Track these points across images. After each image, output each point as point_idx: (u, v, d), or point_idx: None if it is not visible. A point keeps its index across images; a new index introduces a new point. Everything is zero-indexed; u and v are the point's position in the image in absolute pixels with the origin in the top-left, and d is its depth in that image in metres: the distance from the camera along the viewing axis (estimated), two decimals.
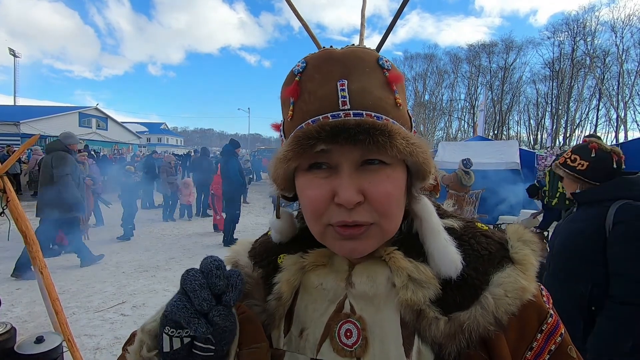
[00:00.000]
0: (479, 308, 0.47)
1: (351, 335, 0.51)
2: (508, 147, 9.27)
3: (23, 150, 2.78)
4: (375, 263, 0.53)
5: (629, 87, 34.51)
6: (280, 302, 0.55)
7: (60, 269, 5.15)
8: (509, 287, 0.47)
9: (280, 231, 0.60)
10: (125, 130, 39.23)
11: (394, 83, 0.49)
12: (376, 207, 0.46)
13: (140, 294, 4.33)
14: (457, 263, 0.49)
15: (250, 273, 0.59)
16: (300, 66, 0.49)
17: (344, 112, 0.45)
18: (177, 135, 67.42)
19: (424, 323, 0.47)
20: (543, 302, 0.51)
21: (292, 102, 0.49)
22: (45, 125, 27.29)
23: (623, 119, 34.47)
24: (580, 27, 37.89)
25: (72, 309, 3.83)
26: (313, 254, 0.56)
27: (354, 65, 0.47)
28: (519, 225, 0.56)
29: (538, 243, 0.53)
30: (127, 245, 6.65)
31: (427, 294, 0.48)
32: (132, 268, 5.29)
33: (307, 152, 0.45)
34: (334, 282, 0.54)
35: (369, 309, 0.51)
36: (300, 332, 0.54)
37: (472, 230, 0.55)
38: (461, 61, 46.24)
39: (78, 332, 3.26)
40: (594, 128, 38.94)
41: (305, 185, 0.48)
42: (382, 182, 0.46)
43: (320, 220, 0.48)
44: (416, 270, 0.49)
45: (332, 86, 0.46)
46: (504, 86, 43.76)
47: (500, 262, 0.50)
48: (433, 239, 0.51)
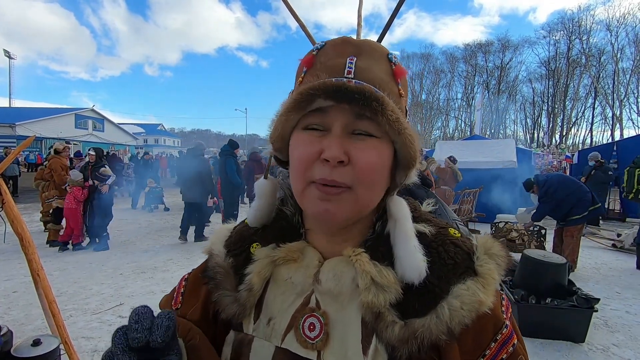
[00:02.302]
0: (434, 317, 0.48)
1: (314, 328, 0.53)
2: (505, 145, 9.30)
3: (18, 151, 2.76)
4: (342, 262, 0.54)
5: (624, 86, 34.77)
6: (251, 293, 0.57)
7: (58, 271, 5.12)
8: (466, 300, 0.49)
9: (261, 194, 0.62)
10: (121, 132, 39.11)
11: (399, 77, 0.53)
12: (357, 171, 0.48)
13: (138, 295, 4.31)
14: (422, 270, 0.50)
15: (221, 262, 0.62)
16: (319, 44, 0.54)
17: (347, 79, 0.48)
18: (174, 136, 67.17)
19: (381, 325, 0.49)
20: (500, 313, 0.52)
21: (304, 70, 0.53)
22: (41, 127, 27.16)
23: (619, 117, 34.68)
24: (575, 26, 38.14)
25: (69, 311, 3.80)
26: (285, 249, 0.57)
27: (366, 50, 0.51)
28: (488, 236, 0.57)
29: (505, 257, 0.54)
30: (125, 247, 6.62)
31: (388, 297, 0.49)
32: (130, 270, 5.27)
33: (305, 106, 0.48)
34: (302, 277, 0.55)
35: (333, 305, 0.53)
36: (268, 321, 0.56)
37: (443, 237, 0.55)
38: (458, 60, 46.45)
39: (75, 335, 3.23)
40: (590, 126, 39.16)
41: (298, 141, 0.51)
42: (368, 150, 0.49)
43: (304, 175, 0.50)
44: (379, 274, 0.50)
45: (342, 60, 0.50)
46: (501, 85, 43.91)
47: (463, 273, 0.51)
48: (403, 244, 0.52)
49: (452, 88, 46.89)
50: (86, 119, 33.28)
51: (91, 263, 5.59)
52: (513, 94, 44.10)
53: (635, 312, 3.95)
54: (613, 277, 5.13)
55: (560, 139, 39.43)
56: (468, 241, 0.56)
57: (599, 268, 5.52)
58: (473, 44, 45.77)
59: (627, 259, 6.05)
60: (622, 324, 3.66)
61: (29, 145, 2.71)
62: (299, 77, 0.54)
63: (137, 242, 7.06)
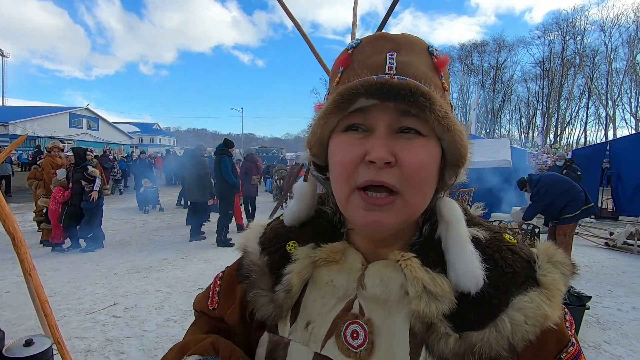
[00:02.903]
0: (493, 331, 0.44)
1: (357, 336, 0.49)
2: (500, 145, 9.36)
3: (10, 150, 2.74)
4: (389, 266, 0.50)
5: (617, 86, 35.08)
6: (290, 294, 0.53)
7: (51, 271, 5.08)
8: (530, 313, 0.44)
9: (301, 197, 0.59)
10: (116, 131, 38.83)
11: (441, 69, 0.50)
12: (406, 172, 0.45)
13: (132, 295, 4.29)
14: (479, 279, 0.46)
15: (255, 260, 0.59)
16: (354, 42, 0.51)
17: (390, 75, 0.45)
18: (169, 135, 66.75)
19: (433, 337, 0.45)
20: (565, 329, 0.48)
21: (341, 70, 0.51)
22: (34, 125, 26.90)
23: (612, 117, 35.01)
24: (570, 26, 38.42)
25: (62, 311, 3.78)
26: (326, 249, 0.54)
27: (405, 45, 0.49)
28: (550, 243, 0.52)
29: (570, 266, 0.49)
30: (120, 247, 6.58)
31: (441, 307, 0.45)
32: (124, 269, 5.24)
33: (347, 106, 0.45)
34: (345, 280, 0.52)
35: (378, 312, 0.50)
36: (307, 325, 0.53)
37: (498, 243, 0.51)
38: (453, 60, 46.54)
39: (69, 335, 3.21)
40: (584, 126, 39.51)
41: (338, 144, 0.48)
42: (416, 149, 0.45)
43: (348, 180, 0.47)
44: (433, 282, 0.47)
45: (382, 56, 0.48)
46: (496, 85, 44.15)
47: (524, 283, 0.47)
48: (458, 249, 0.48)
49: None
50: (81, 117, 33.00)
51: (85, 263, 5.55)
52: (508, 93, 44.36)
53: (627, 309, 3.99)
54: (605, 275, 5.18)
55: (554, 138, 39.73)
56: (526, 248, 0.52)
57: (591, 266, 5.58)
58: (469, 43, 46.00)
59: (619, 257, 6.11)
60: (613, 321, 3.70)
61: (20, 144, 2.69)
62: (335, 78, 0.51)
63: (131, 241, 7.03)
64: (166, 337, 3.31)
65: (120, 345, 3.15)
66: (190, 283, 4.68)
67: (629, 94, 34.36)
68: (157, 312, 3.82)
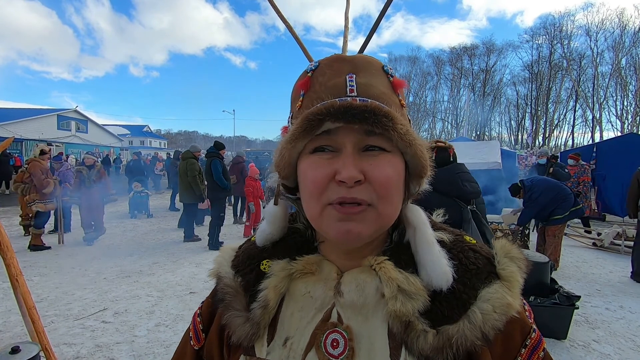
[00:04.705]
0: (466, 322, 0.47)
1: (338, 345, 0.50)
2: (490, 147, 9.46)
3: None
4: (364, 271, 0.52)
5: (603, 89, 35.84)
6: (266, 310, 0.53)
7: (38, 277, 4.98)
8: (497, 303, 0.48)
9: (273, 220, 0.59)
10: (106, 133, 38.34)
11: (398, 88, 0.53)
12: (376, 187, 0.47)
13: (122, 300, 4.23)
14: (449, 275, 0.49)
15: (229, 283, 0.58)
16: (312, 65, 0.53)
17: (351, 97, 0.48)
18: (160, 137, 66.10)
19: (412, 335, 0.47)
20: (526, 317, 0.52)
21: (302, 93, 0.52)
22: (22, 128, 26.41)
23: (598, 120, 35.71)
24: (557, 30, 39.19)
25: (50, 317, 3.70)
26: (302, 261, 0.55)
27: (362, 65, 0.51)
28: (505, 240, 0.56)
29: (524, 260, 0.54)
30: (109, 251, 6.48)
31: (416, 305, 0.48)
32: (114, 274, 5.16)
33: (313, 130, 0.47)
34: (322, 290, 0.53)
35: (357, 318, 0.51)
36: (285, 341, 0.52)
37: (461, 244, 0.55)
38: (444, 63, 47.12)
39: (57, 341, 3.15)
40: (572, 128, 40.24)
41: (308, 166, 0.49)
42: (383, 165, 0.48)
43: (319, 199, 0.48)
44: (406, 281, 0.49)
45: (341, 78, 0.50)
46: (486, 88, 44.75)
47: (487, 278, 0.51)
48: (426, 250, 0.51)
49: (438, 90, 47.56)
50: (69, 119, 32.50)
51: (73, 267, 5.46)
52: (498, 96, 45.01)
53: (615, 308, 4.07)
54: (593, 275, 5.27)
55: (543, 140, 40.41)
56: (485, 247, 0.56)
57: (580, 266, 5.67)
58: (459, 47, 46.57)
59: (607, 257, 6.23)
60: (602, 320, 3.76)
61: (7, 147, 2.63)
62: (297, 101, 0.52)
63: (121, 245, 6.93)
64: (157, 342, 3.26)
65: (110, 351, 3.10)
66: (181, 287, 4.63)
67: (615, 97, 35.08)
68: (147, 317, 3.77)
